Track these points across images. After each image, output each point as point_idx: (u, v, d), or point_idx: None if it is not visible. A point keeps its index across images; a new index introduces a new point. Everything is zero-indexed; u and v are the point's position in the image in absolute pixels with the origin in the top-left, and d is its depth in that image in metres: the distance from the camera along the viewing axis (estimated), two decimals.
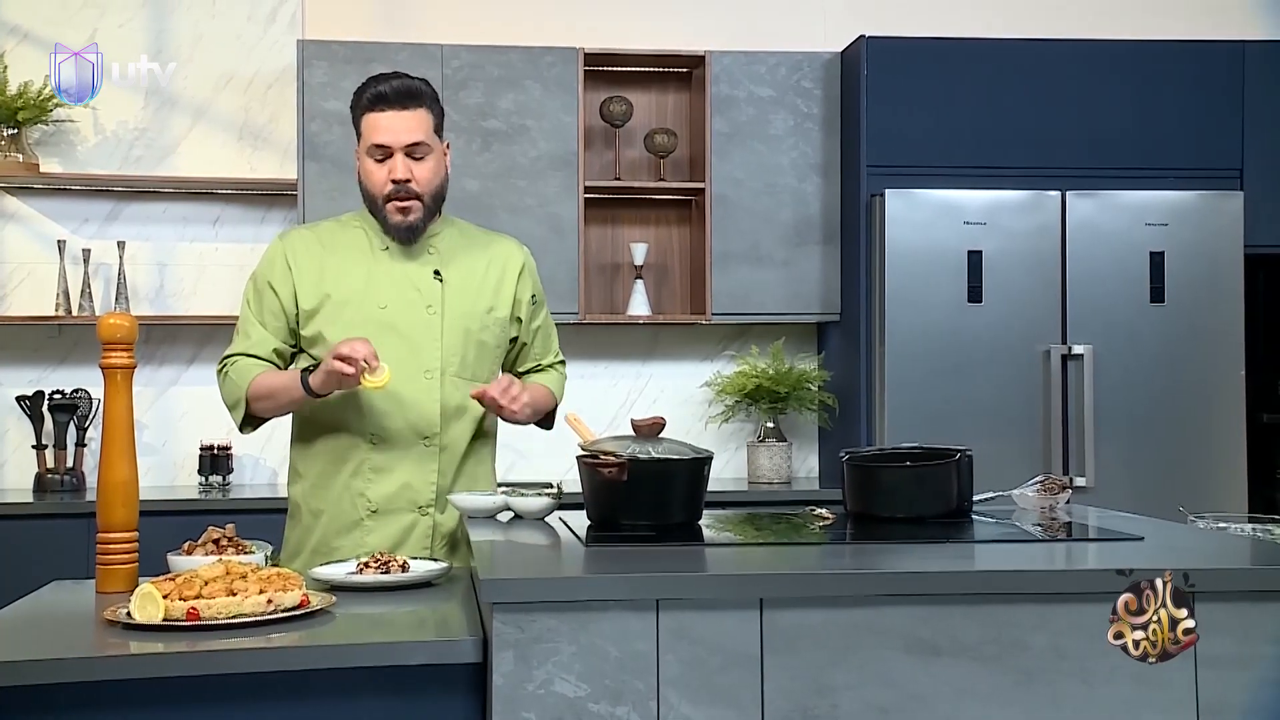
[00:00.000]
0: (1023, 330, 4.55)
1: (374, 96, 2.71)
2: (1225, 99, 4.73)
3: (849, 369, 4.77)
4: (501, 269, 2.87)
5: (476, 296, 2.80)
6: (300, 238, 2.85)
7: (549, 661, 1.84)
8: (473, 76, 4.72)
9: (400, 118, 2.69)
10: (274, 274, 2.78)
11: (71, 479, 4.68)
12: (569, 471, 5.03)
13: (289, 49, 4.86)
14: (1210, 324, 4.60)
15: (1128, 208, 4.58)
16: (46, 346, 4.85)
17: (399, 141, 2.70)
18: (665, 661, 1.85)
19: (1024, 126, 4.66)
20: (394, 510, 2.74)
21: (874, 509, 2.53)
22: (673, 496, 2.42)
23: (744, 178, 4.82)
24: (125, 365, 2.43)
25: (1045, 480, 2.74)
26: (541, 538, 2.39)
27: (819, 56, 4.85)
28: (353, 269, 2.77)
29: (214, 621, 2.06)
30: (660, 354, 5.14)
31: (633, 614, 1.85)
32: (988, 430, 4.42)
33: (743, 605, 1.86)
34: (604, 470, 2.39)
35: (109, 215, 4.89)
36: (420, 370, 2.73)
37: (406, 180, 2.71)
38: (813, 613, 1.86)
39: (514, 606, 1.84)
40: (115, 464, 2.43)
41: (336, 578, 2.43)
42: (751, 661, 1.85)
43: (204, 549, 2.44)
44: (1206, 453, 4.59)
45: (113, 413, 2.43)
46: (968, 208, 4.53)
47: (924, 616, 1.86)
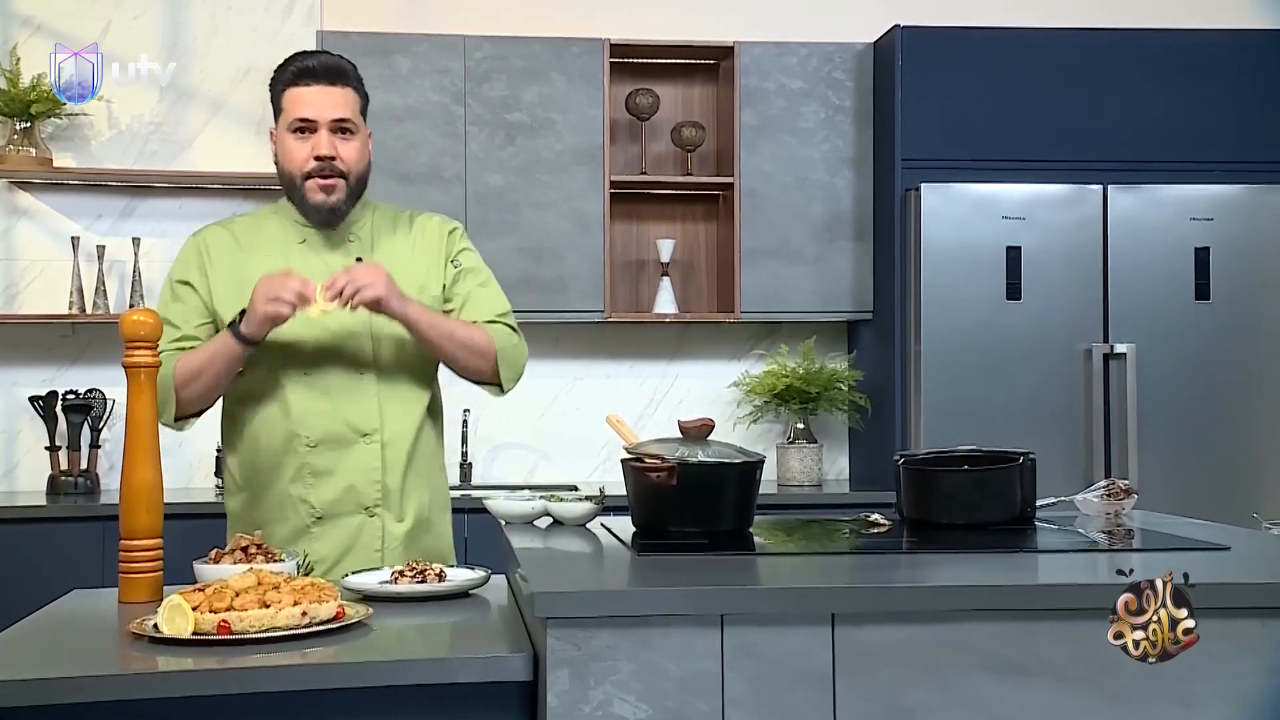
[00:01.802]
0: (1063, 328, 4.43)
1: (299, 71, 2.57)
2: (1273, 89, 4.60)
3: (882, 369, 4.65)
4: (427, 244, 2.69)
5: (405, 279, 2.57)
6: (215, 236, 2.66)
7: (607, 681, 1.73)
8: (496, 68, 4.61)
9: (327, 93, 2.55)
10: (190, 273, 2.61)
11: (86, 481, 4.57)
12: (592, 473, 4.97)
13: (307, 41, 4.74)
14: (1258, 321, 4.48)
15: (1172, 202, 4.46)
16: (60, 346, 4.75)
17: (325, 116, 2.53)
18: (730, 681, 1.73)
19: (1064, 118, 4.54)
20: (339, 514, 2.58)
21: (933, 515, 2.42)
22: (724, 502, 2.30)
23: (774, 172, 4.71)
24: (149, 364, 2.32)
25: (1110, 485, 2.63)
26: (587, 546, 2.27)
27: (851, 47, 4.73)
28: (271, 265, 2.56)
29: (246, 635, 1.95)
30: (687, 353, 5.02)
31: (696, 630, 1.73)
32: (1027, 432, 4.26)
33: (814, 621, 1.74)
34: (653, 475, 2.27)
35: (123, 211, 4.78)
36: (352, 364, 2.59)
37: (331, 157, 2.54)
38: (889, 629, 1.74)
39: (570, 622, 1.72)
40: (138, 467, 2.31)
41: (369, 587, 2.32)
42: (823, 681, 1.74)
43: (232, 557, 2.32)
44: (1254, 455, 4.47)
45: (136, 413, 2.31)
46: (1006, 202, 4.42)
47: (1008, 633, 1.74)
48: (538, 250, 4.59)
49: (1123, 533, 2.48)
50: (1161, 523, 2.60)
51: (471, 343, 2.59)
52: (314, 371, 2.57)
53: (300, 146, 2.55)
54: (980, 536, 2.28)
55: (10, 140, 4.54)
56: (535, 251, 4.59)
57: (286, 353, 2.56)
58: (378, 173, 4.49)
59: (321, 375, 2.57)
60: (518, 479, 4.83)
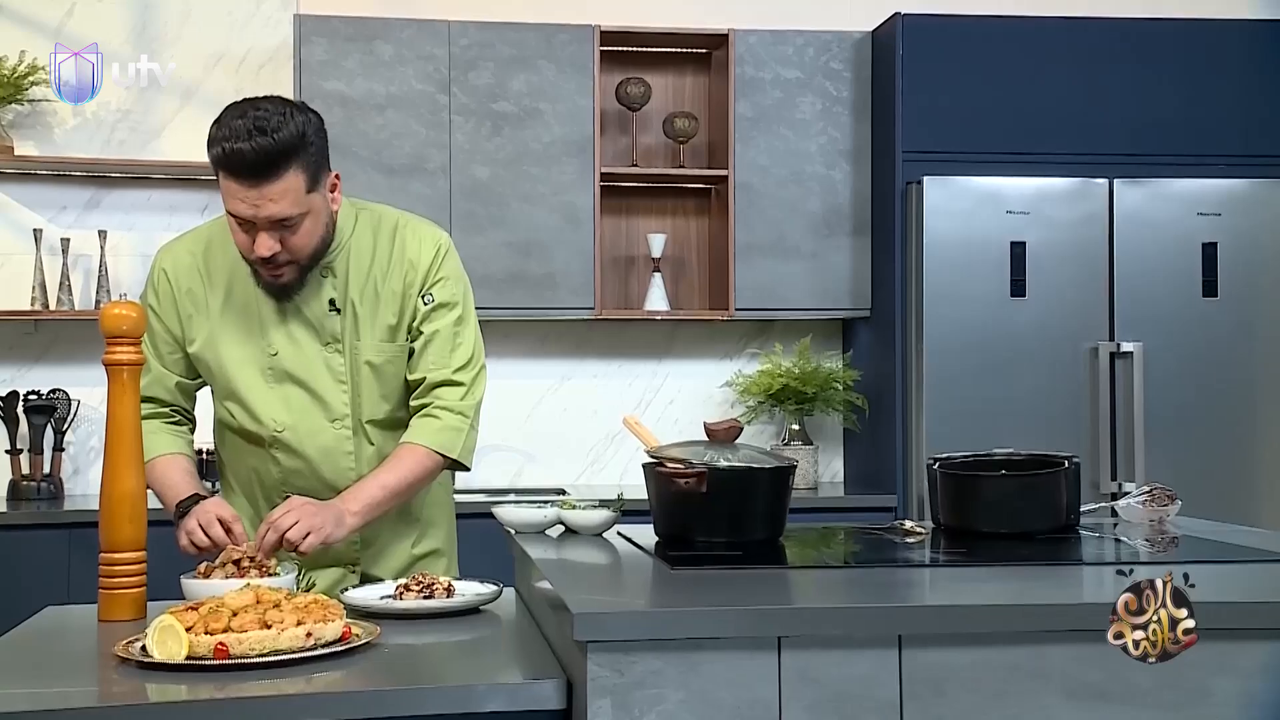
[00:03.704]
0: (1068, 326, 4.30)
1: (228, 158, 2.17)
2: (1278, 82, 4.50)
3: (881, 368, 4.52)
4: (406, 273, 2.39)
5: (381, 317, 2.37)
6: (181, 261, 2.41)
7: (653, 711, 1.56)
8: (482, 56, 4.44)
9: (261, 192, 2.17)
10: (159, 302, 2.40)
11: (50, 486, 4.36)
12: (579, 477, 4.81)
13: (283, 25, 4.57)
14: (1266, 319, 4.37)
15: (1179, 197, 4.34)
16: (22, 344, 4.54)
17: (260, 217, 2.19)
18: (789, 709, 1.58)
19: (1069, 110, 4.41)
20: (321, 567, 2.41)
21: (974, 523, 2.27)
22: (755, 510, 2.16)
23: (769, 165, 4.56)
24: (132, 361, 2.14)
25: (1153, 491, 2.50)
26: (611, 558, 2.11)
27: (849, 36, 4.59)
28: (233, 305, 2.36)
29: (246, 659, 1.78)
30: (678, 351, 4.87)
31: (750, 654, 1.57)
32: (1031, 431, 4.13)
33: (879, 644, 1.59)
34: (681, 480, 2.12)
35: (89, 203, 4.57)
36: (327, 420, 2.38)
37: (271, 257, 2.24)
38: (960, 651, 1.59)
39: (612, 646, 1.56)
40: (121, 474, 2.14)
41: (371, 603, 2.15)
42: (889, 709, 1.58)
43: (223, 570, 2.15)
44: (1263, 454, 4.36)
45: (118, 415, 2.14)
46: (1010, 196, 4.29)
47: (1089, 657, 1.59)
48: (525, 245, 4.42)
49: (1165, 540, 2.34)
50: (1206, 529, 2.47)
51: (425, 474, 2.38)
52: (288, 428, 2.38)
53: (241, 235, 2.25)
54: (1033, 547, 2.14)
55: None
56: (523, 246, 4.42)
57: (264, 406, 2.38)
58: (360, 164, 4.34)
59: (297, 432, 2.38)
60: (503, 483, 4.66)
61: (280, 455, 2.39)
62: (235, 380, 2.38)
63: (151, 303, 2.41)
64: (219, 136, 2.18)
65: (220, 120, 2.21)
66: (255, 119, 2.18)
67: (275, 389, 2.37)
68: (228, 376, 2.38)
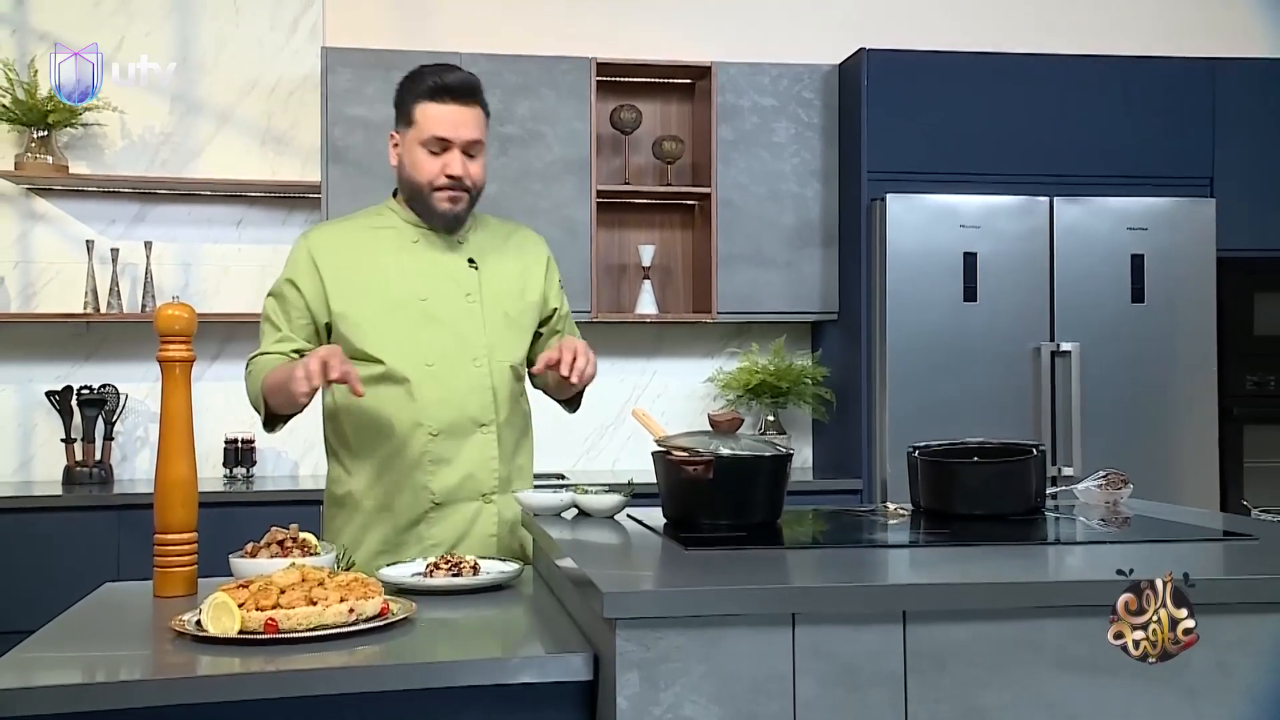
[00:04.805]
0: (1014, 328, 4.23)
1: (437, 87, 2.32)
2: (1198, 112, 4.46)
3: (847, 365, 4.44)
4: (526, 254, 2.52)
5: (510, 281, 2.45)
6: (325, 235, 2.44)
7: (677, 683, 1.48)
8: (491, 84, 4.28)
9: (463, 113, 2.33)
10: (299, 274, 2.37)
11: (100, 471, 4.24)
12: (575, 463, 4.70)
13: (310, 56, 4.46)
14: (1185, 322, 4.32)
15: (1111, 213, 4.28)
16: (75, 343, 4.41)
17: (460, 137, 2.33)
18: (802, 682, 1.49)
19: (1015, 136, 4.35)
20: (457, 501, 2.36)
21: (953, 506, 2.18)
22: (757, 495, 2.07)
23: (748, 183, 4.48)
24: (184, 358, 2.05)
25: (1108, 475, 2.42)
26: (627, 539, 2.01)
27: (819, 68, 4.51)
28: (387, 263, 2.38)
29: (293, 634, 1.68)
30: (666, 351, 4.78)
31: (767, 630, 1.49)
32: (983, 423, 4.07)
33: (885, 619, 1.50)
34: (690, 468, 2.03)
35: (136, 216, 4.45)
36: (469, 359, 2.37)
37: (462, 177, 2.35)
38: (959, 626, 1.51)
39: (640, 623, 1.47)
40: (174, 462, 2.04)
41: (404, 580, 2.05)
42: (894, 681, 1.50)
43: (268, 550, 2.05)
44: (1182, 444, 4.31)
45: (171, 408, 2.04)
46: (963, 212, 4.22)
47: (1079, 631, 1.51)
48: None
49: (1120, 520, 2.27)
50: (1156, 510, 2.39)
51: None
52: (436, 364, 2.35)
53: (431, 161, 2.34)
54: (1008, 527, 2.06)
55: (28, 149, 4.21)
56: None
57: (412, 346, 2.34)
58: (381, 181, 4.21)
59: (443, 369, 2.34)
60: None
61: (427, 390, 2.33)
62: (387, 327, 2.33)
63: (291, 276, 2.38)
64: (425, 74, 2.35)
65: (416, 74, 2.37)
66: (449, 66, 2.39)
67: (424, 330, 2.34)
68: (379, 326, 2.34)
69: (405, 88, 2.38)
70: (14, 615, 3.71)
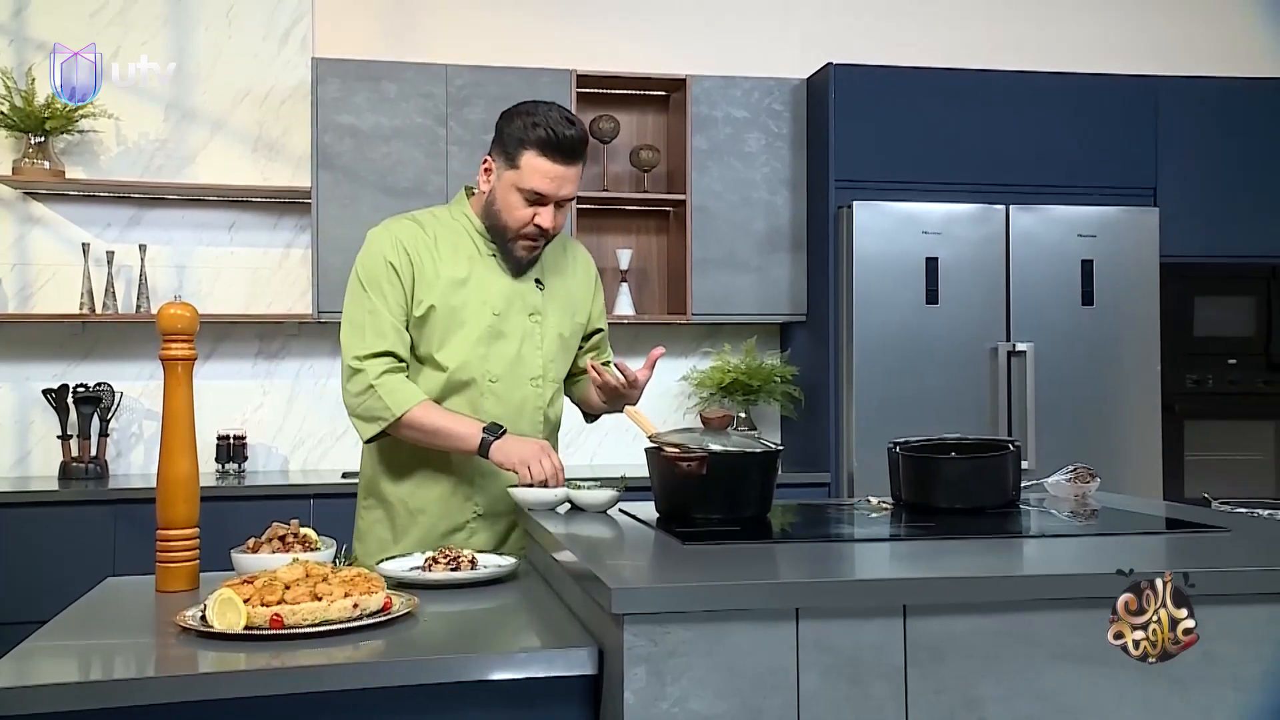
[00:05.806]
0: (973, 329, 4.20)
1: (550, 142, 2.14)
2: (1143, 127, 4.44)
3: (815, 364, 4.39)
4: (580, 275, 2.42)
5: (567, 303, 2.36)
6: (410, 230, 2.25)
7: (683, 677, 1.41)
8: (474, 94, 4.25)
9: (569, 173, 2.17)
10: (398, 259, 2.21)
11: (95, 467, 4.12)
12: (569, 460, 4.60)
13: (301, 67, 4.35)
14: (1131, 324, 4.30)
15: (1062, 221, 4.26)
16: (71, 343, 4.28)
17: (559, 195, 2.19)
18: (805, 675, 1.43)
19: (974, 148, 4.32)
20: (499, 513, 2.29)
21: (933, 500, 2.13)
22: (748, 490, 2.00)
23: (721, 191, 4.41)
24: (186, 357, 1.95)
25: (1077, 470, 2.38)
26: (624, 534, 1.94)
27: (789, 82, 4.46)
28: (463, 273, 2.24)
29: (298, 629, 1.60)
30: (642, 350, 4.68)
31: (770, 624, 1.42)
32: (943, 419, 4.04)
33: (886, 613, 1.44)
34: (683, 464, 1.96)
35: (130, 220, 4.32)
36: (527, 377, 2.29)
37: (549, 229, 2.22)
38: (958, 619, 1.45)
39: (647, 618, 1.40)
40: (176, 458, 1.94)
41: (402, 574, 1.97)
42: (895, 673, 1.44)
43: (269, 546, 1.96)
44: (1128, 438, 4.29)
45: (173, 406, 1.94)
46: (925, 219, 4.18)
47: (1074, 623, 1.46)
48: None
49: (1088, 512, 2.23)
50: (1121, 503, 2.35)
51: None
52: (500, 380, 2.26)
53: (524, 209, 2.19)
54: (989, 520, 2.00)
55: (25, 154, 4.07)
56: None
57: (479, 360, 2.24)
58: (368, 187, 4.13)
59: (505, 385, 2.26)
60: None
61: (489, 404, 2.25)
62: (460, 338, 2.22)
63: (390, 262, 2.21)
64: (542, 123, 2.14)
65: (529, 111, 2.17)
66: (563, 113, 2.18)
67: (492, 346, 2.25)
68: (453, 335, 2.23)
69: (516, 125, 2.18)
70: (12, 607, 3.60)
